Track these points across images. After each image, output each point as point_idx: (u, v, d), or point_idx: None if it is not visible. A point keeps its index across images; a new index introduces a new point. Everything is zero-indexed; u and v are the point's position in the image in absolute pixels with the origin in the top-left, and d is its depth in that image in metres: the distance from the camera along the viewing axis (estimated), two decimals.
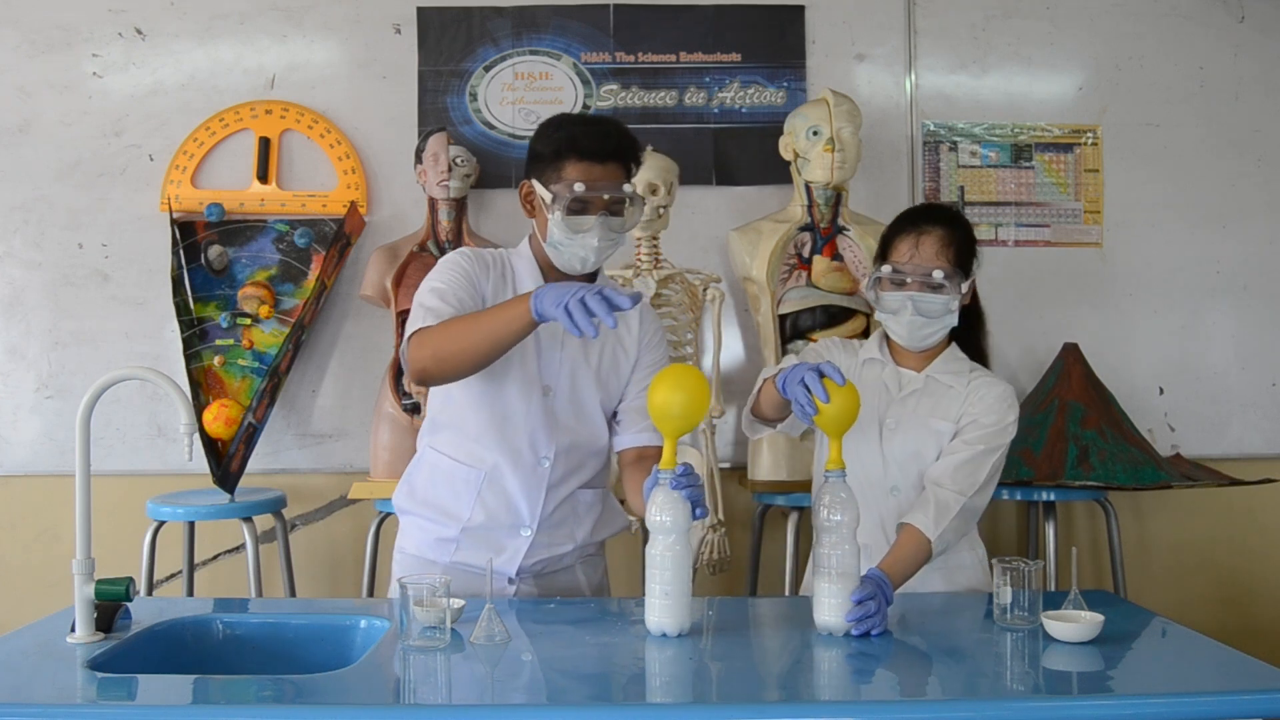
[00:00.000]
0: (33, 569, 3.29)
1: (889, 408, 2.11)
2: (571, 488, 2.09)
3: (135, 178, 3.34)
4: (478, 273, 2.03)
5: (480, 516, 2.05)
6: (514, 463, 2.04)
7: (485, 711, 1.50)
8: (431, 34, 3.37)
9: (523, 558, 2.06)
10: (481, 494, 2.05)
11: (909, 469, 2.09)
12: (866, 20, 3.43)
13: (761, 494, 3.14)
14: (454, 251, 2.09)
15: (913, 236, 2.10)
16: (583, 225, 1.97)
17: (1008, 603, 1.80)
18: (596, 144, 1.98)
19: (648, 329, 2.14)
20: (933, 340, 2.12)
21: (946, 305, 2.08)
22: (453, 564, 2.07)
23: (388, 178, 3.37)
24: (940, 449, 2.08)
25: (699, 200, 3.36)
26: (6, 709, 1.45)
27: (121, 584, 1.76)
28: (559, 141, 1.99)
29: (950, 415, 2.09)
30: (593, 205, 1.97)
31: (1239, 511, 3.45)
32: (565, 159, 1.98)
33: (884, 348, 2.18)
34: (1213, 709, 1.48)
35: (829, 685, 1.65)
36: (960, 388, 2.11)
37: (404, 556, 2.15)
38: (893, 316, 2.11)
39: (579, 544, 2.12)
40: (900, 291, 2.08)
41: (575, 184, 1.95)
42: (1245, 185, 3.47)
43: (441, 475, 2.09)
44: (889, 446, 2.10)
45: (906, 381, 2.13)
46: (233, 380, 3.19)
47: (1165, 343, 3.45)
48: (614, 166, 1.99)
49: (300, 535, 3.33)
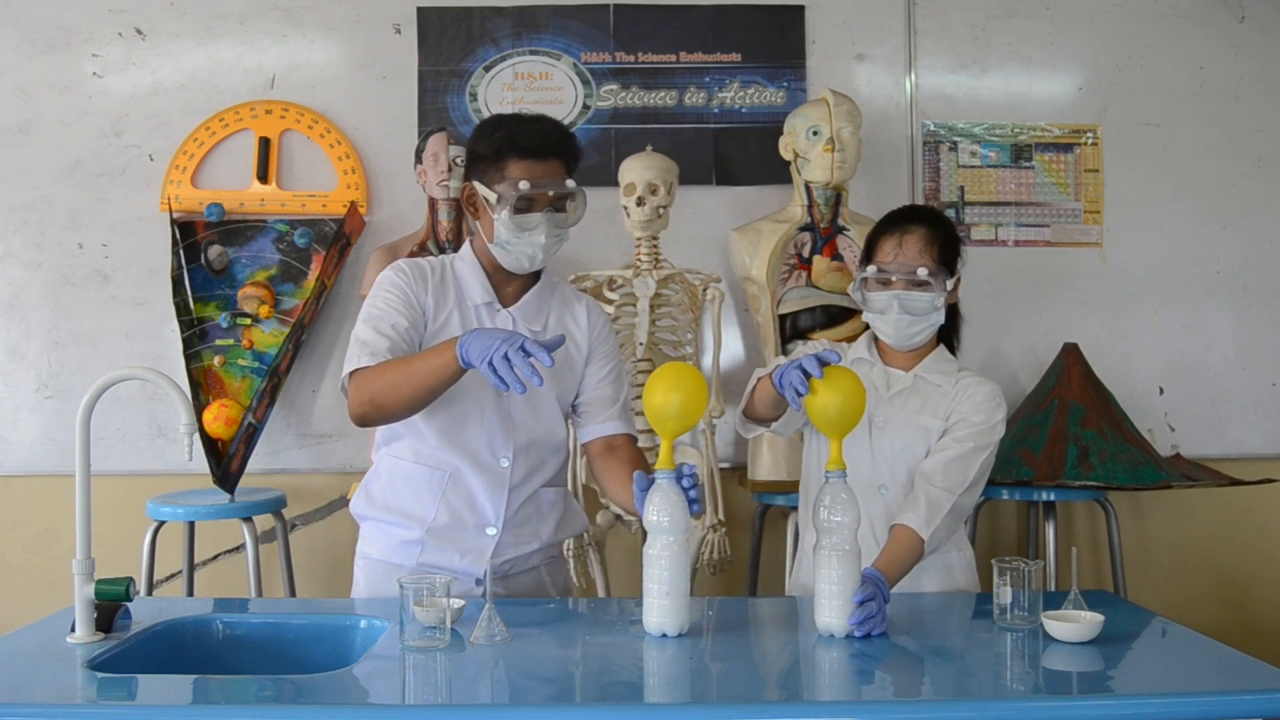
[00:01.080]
0: (33, 569, 3.29)
1: (878, 406, 2.12)
2: (534, 487, 2.11)
3: (135, 178, 3.34)
4: (414, 286, 2.05)
5: (445, 517, 2.05)
6: (474, 464, 2.05)
7: (485, 711, 1.50)
8: (431, 34, 3.38)
9: (490, 557, 2.05)
10: (445, 494, 2.06)
11: (897, 468, 2.10)
12: (866, 20, 3.43)
13: (761, 494, 3.14)
14: (390, 266, 2.11)
15: (896, 236, 2.13)
16: (529, 223, 2.00)
17: (1008, 603, 1.80)
18: (537, 142, 2.01)
19: (595, 322, 2.18)
20: (920, 339, 2.13)
21: (932, 303, 2.09)
22: (420, 566, 2.06)
23: (388, 178, 3.37)
24: (928, 447, 2.09)
25: (699, 200, 3.36)
26: (6, 709, 1.45)
27: (121, 584, 1.76)
28: (499, 141, 2.02)
29: (939, 414, 2.10)
30: (538, 203, 2.00)
31: (1239, 511, 3.45)
32: (507, 158, 2.01)
33: (873, 348, 2.20)
34: (1213, 709, 1.48)
35: (829, 685, 1.65)
36: (949, 387, 2.12)
37: (368, 562, 2.14)
38: (880, 316, 2.12)
39: (544, 543, 2.13)
40: (886, 291, 2.10)
41: (520, 182, 1.98)
42: (1245, 185, 3.47)
43: (402, 479, 2.09)
44: (878, 444, 2.11)
45: (895, 380, 2.15)
46: (233, 380, 3.19)
47: (1165, 343, 3.45)
48: (555, 163, 2.02)
49: (300, 535, 3.33)
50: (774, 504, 3.14)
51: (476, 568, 2.05)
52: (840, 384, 1.80)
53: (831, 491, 1.76)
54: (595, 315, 2.19)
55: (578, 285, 3.00)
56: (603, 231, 3.32)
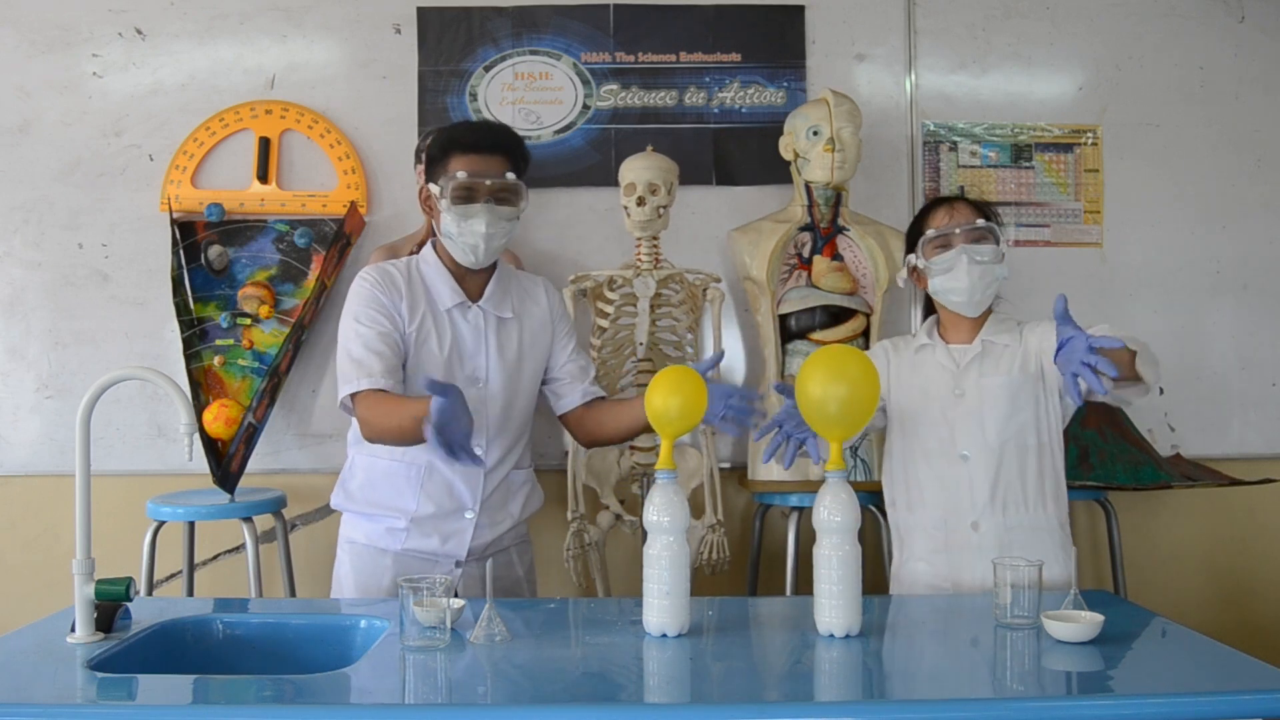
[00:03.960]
0: (33, 569, 3.29)
1: (954, 380, 2.21)
2: (506, 470, 2.24)
3: (135, 178, 3.34)
4: (389, 296, 2.18)
5: (429, 507, 2.17)
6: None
7: (485, 711, 1.50)
8: (431, 34, 3.37)
9: (470, 540, 2.18)
10: (424, 486, 2.17)
11: (977, 432, 2.18)
12: (866, 20, 3.43)
13: (761, 494, 3.14)
14: (360, 276, 2.23)
15: (945, 207, 2.25)
16: (470, 213, 2.11)
17: (1008, 603, 1.80)
18: (478, 137, 2.16)
19: (554, 298, 2.35)
20: (990, 294, 2.21)
21: (996, 253, 2.17)
22: (404, 551, 2.18)
23: (388, 178, 3.36)
24: (1011, 401, 2.17)
25: (699, 200, 3.36)
26: (6, 709, 1.45)
27: (121, 584, 1.76)
28: (444, 141, 2.17)
29: (1013, 369, 2.19)
30: (477, 191, 2.11)
31: (1239, 511, 3.45)
32: (450, 154, 2.14)
33: (933, 333, 2.29)
34: (1213, 709, 1.48)
35: (829, 685, 1.65)
36: (1015, 344, 2.21)
37: (355, 547, 2.25)
38: (948, 275, 2.19)
39: (515, 521, 2.27)
40: (949, 250, 2.18)
41: (459, 173, 2.10)
42: (1245, 185, 3.47)
43: (379, 475, 2.21)
44: (955, 414, 2.20)
45: (961, 353, 2.24)
46: (233, 380, 3.19)
47: (1165, 343, 3.43)
48: (497, 158, 2.13)
49: (300, 535, 3.33)
50: (774, 504, 3.13)
51: (460, 550, 2.19)
52: (823, 381, 1.78)
53: (831, 491, 1.76)
54: (551, 292, 2.35)
55: (578, 285, 3.00)
56: (603, 231, 3.33)
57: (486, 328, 2.22)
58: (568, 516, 2.98)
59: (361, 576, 2.21)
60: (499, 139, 2.16)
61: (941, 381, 2.23)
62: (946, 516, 2.20)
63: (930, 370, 2.26)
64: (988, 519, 2.18)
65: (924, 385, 2.25)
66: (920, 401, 2.24)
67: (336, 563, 2.28)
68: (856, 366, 1.80)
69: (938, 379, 2.24)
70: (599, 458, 3.04)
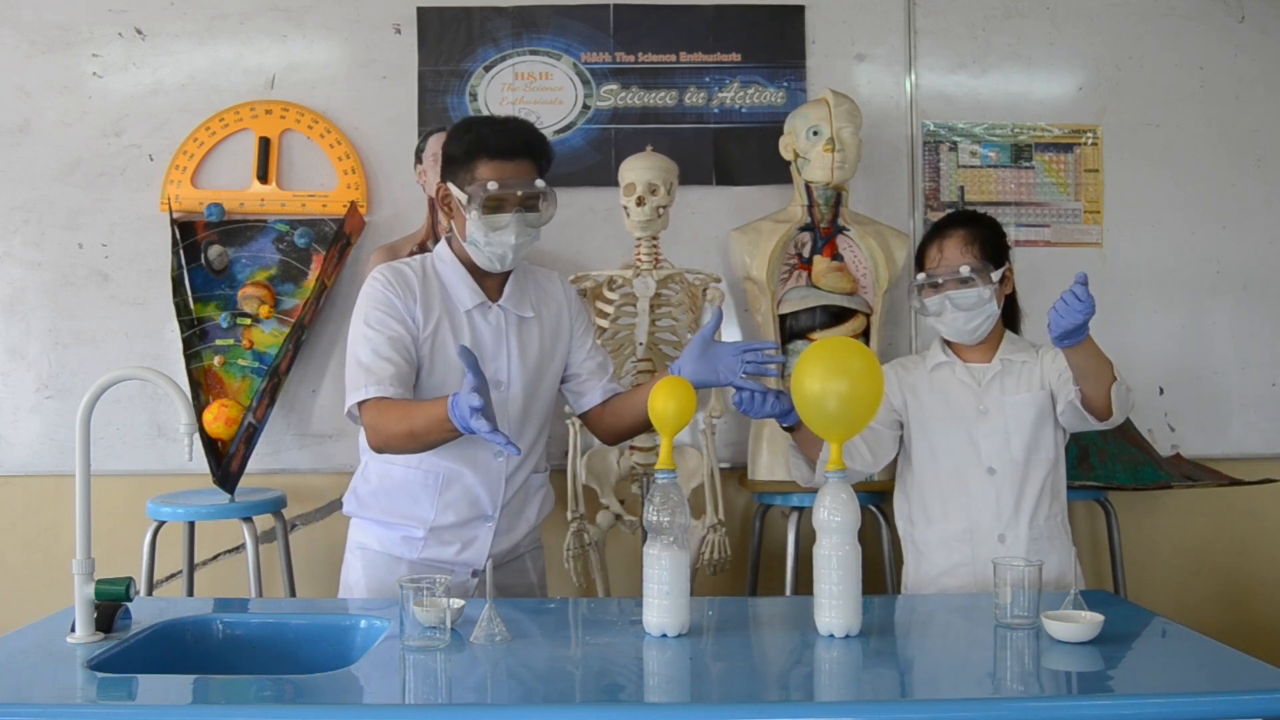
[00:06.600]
0: (33, 569, 3.29)
1: (977, 397, 2.25)
2: (525, 474, 2.18)
3: (135, 178, 3.34)
4: (402, 296, 2.08)
5: (449, 516, 2.11)
6: (472, 465, 2.10)
7: (485, 711, 1.50)
8: (431, 34, 3.37)
9: (490, 547, 2.13)
10: (442, 495, 2.10)
11: (1004, 447, 2.22)
12: (866, 20, 3.43)
13: (761, 494, 3.14)
14: (372, 276, 2.13)
15: (936, 243, 2.28)
16: (499, 223, 2.04)
17: (1007, 603, 1.80)
18: (505, 142, 2.05)
19: (570, 292, 2.28)
20: (982, 331, 2.26)
21: (979, 296, 2.22)
22: (421, 560, 2.11)
23: (388, 178, 3.36)
24: (1034, 416, 2.22)
25: (699, 200, 3.36)
26: (6, 709, 1.45)
27: (121, 584, 1.76)
28: (469, 143, 2.06)
29: (1033, 385, 2.24)
30: (507, 202, 2.04)
31: (1239, 511, 3.45)
32: (476, 159, 2.05)
33: (948, 350, 2.32)
34: (1213, 709, 1.48)
35: (829, 685, 1.65)
36: (1033, 361, 2.27)
37: (368, 553, 2.17)
38: (937, 319, 2.27)
39: (531, 526, 2.22)
40: (937, 294, 2.24)
41: (489, 183, 2.02)
42: (1245, 185, 3.47)
43: (394, 484, 2.13)
44: (979, 431, 2.23)
45: (982, 372, 2.27)
46: (233, 380, 3.19)
47: (1165, 343, 3.44)
48: (525, 163, 2.06)
49: (300, 535, 3.33)
50: (774, 504, 3.14)
51: (479, 559, 2.12)
52: (826, 379, 1.78)
53: (831, 491, 1.76)
54: (567, 287, 2.29)
55: (577, 285, 3.00)
56: (603, 231, 3.33)
57: (507, 328, 2.13)
58: (568, 516, 2.98)
59: (375, 583, 2.14)
60: (527, 143, 2.07)
61: (964, 399, 2.26)
62: (972, 529, 2.22)
63: (952, 388, 2.28)
64: (1013, 530, 2.21)
65: (945, 402, 2.28)
66: (943, 418, 2.27)
67: (346, 567, 2.21)
68: (858, 360, 1.78)
69: (960, 396, 2.27)
70: (598, 458, 3.04)
